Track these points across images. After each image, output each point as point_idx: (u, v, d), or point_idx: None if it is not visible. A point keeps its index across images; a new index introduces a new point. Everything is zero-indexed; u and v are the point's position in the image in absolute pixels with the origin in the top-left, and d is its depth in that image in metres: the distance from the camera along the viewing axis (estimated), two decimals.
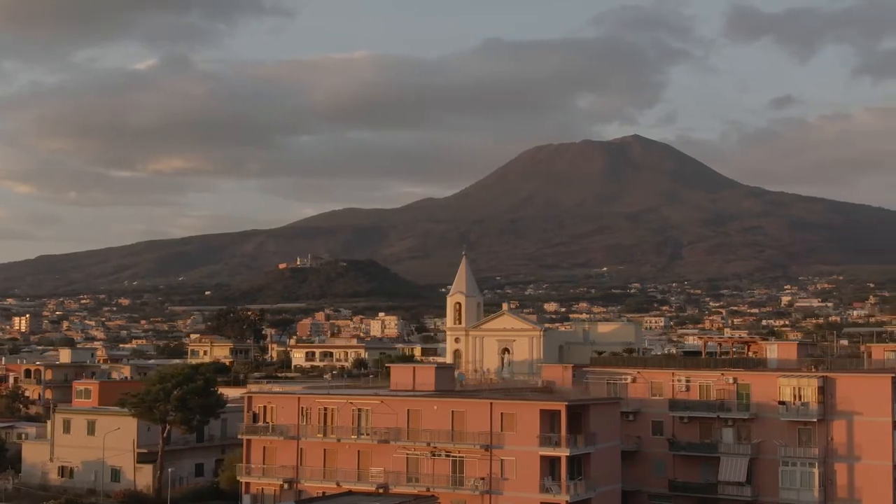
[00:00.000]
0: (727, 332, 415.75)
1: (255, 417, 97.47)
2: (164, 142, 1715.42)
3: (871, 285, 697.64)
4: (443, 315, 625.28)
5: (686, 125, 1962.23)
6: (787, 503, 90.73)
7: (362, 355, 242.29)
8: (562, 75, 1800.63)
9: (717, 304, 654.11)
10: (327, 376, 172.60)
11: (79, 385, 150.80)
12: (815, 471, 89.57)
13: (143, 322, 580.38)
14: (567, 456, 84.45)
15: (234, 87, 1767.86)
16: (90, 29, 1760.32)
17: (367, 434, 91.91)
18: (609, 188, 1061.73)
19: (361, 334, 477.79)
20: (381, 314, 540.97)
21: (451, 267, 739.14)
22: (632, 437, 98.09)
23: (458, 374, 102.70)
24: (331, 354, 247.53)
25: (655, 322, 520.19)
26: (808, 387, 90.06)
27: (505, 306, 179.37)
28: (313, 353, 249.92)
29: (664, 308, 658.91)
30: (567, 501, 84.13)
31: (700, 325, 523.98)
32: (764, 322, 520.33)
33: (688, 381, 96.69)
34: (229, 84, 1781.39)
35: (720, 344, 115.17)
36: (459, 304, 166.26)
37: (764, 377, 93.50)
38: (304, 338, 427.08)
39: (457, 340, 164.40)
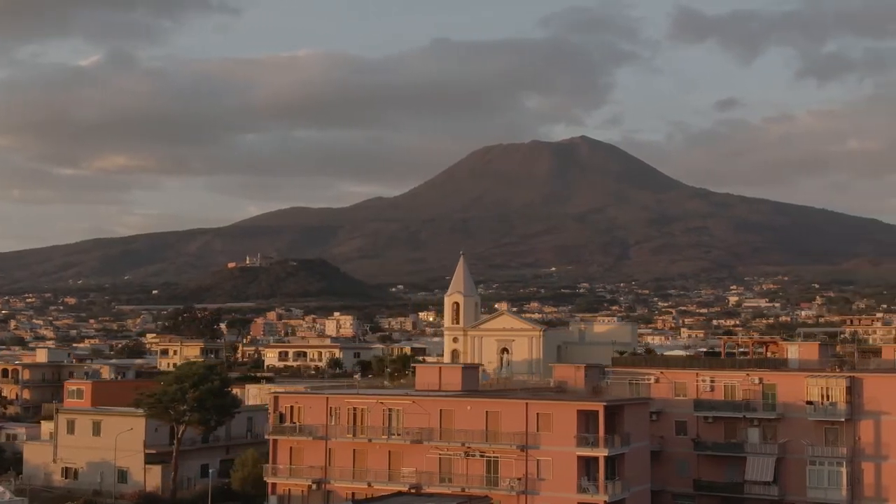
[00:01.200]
0: (681, 332, 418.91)
1: (281, 418, 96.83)
2: (109, 139, 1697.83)
3: (816, 286, 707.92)
4: (396, 314, 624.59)
5: (632, 126, 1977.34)
6: (815, 502, 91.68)
7: (337, 355, 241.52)
8: (510, 76, 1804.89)
9: (665, 304, 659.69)
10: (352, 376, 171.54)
11: (71, 385, 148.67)
12: (843, 470, 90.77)
13: (91, 321, 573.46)
14: (605, 456, 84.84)
15: (180, 84, 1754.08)
16: (34, 24, 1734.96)
17: (399, 434, 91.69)
18: (557, 189, 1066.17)
19: (317, 334, 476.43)
20: (337, 314, 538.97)
21: (402, 266, 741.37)
22: (655, 437, 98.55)
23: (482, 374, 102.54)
24: (305, 354, 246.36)
25: (609, 322, 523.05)
26: (837, 387, 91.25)
27: (504, 306, 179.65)
28: (286, 353, 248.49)
29: (614, 308, 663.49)
30: (605, 502, 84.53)
31: (652, 325, 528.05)
32: (714, 322, 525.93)
33: (712, 381, 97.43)
34: (174, 81, 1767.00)
35: (737, 344, 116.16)
36: (458, 303, 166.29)
37: (790, 377, 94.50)
38: (257, 338, 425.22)
39: (455, 340, 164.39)
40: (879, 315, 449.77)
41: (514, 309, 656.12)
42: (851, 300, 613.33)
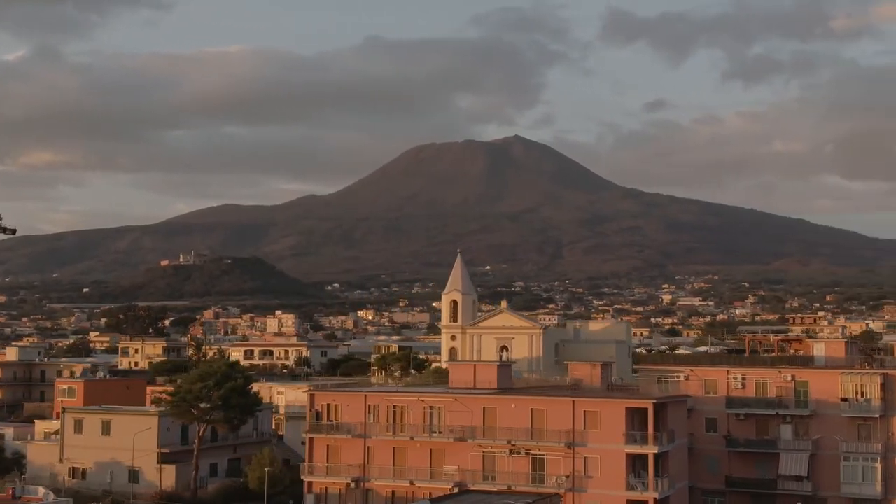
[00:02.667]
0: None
1: (317, 416, 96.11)
2: (35, 135, 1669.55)
3: (747, 285, 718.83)
4: (334, 313, 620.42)
5: (563, 126, 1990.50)
6: (849, 497, 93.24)
7: (305, 353, 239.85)
8: (442, 75, 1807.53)
9: (600, 303, 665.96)
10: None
11: (62, 384, 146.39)
12: (878, 466, 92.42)
13: (24, 320, 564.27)
14: (654, 454, 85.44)
15: (107, 79, 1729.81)
16: None
17: (440, 432, 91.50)
18: (491, 188, 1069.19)
19: (258, 332, 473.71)
20: (279, 312, 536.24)
21: (336, 264, 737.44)
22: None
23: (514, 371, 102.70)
24: (271, 353, 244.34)
25: (550, 320, 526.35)
26: (871, 384, 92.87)
27: (504, 304, 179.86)
28: (252, 352, 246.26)
29: (551, 306, 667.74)
30: (655, 499, 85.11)
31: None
32: (652, 320, 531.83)
33: (744, 378, 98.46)
34: (101, 77, 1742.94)
35: (760, 342, 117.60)
36: (456, 301, 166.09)
37: (823, 374, 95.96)
38: (197, 336, 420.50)
39: (453, 338, 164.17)
40: (822, 314, 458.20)
41: None
42: (783, 299, 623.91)
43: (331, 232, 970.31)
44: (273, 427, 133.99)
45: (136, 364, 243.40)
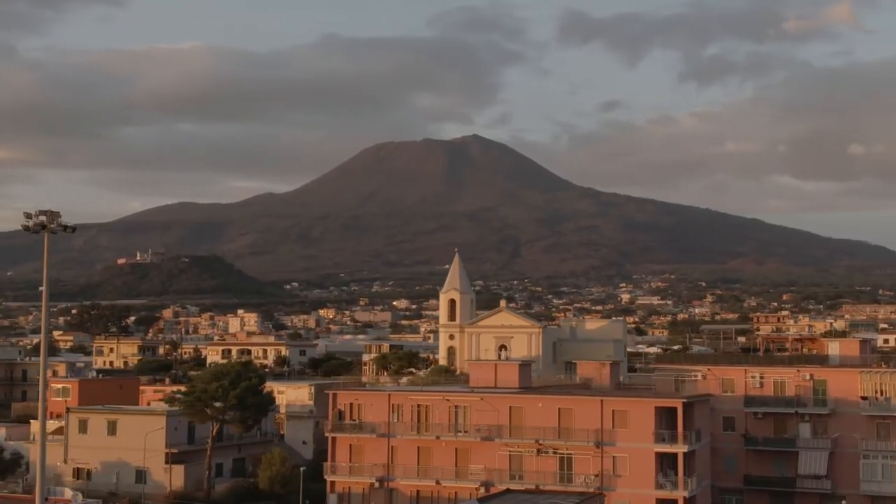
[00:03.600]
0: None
1: (340, 415, 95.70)
2: None
3: (703, 284, 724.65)
4: (294, 312, 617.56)
5: (520, 126, 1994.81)
6: (869, 495, 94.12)
7: (283, 353, 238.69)
8: (400, 73, 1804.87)
9: (560, 301, 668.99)
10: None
11: (56, 384, 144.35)
12: None
13: None
14: (684, 452, 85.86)
15: (60, 75, 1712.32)
16: None
17: (466, 431, 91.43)
18: (450, 187, 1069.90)
19: (220, 332, 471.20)
20: (241, 311, 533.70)
21: (294, 263, 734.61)
22: None
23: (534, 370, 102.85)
24: (249, 352, 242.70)
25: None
26: (891, 382, 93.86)
27: (503, 303, 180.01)
28: (229, 351, 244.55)
29: (511, 305, 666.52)
30: (685, 498, 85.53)
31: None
32: (613, 319, 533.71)
33: (762, 377, 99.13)
34: (55, 73, 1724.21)
35: (772, 341, 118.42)
36: (454, 300, 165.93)
37: (842, 373, 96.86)
38: (158, 335, 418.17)
39: (451, 337, 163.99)
40: (785, 312, 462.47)
41: (414, 306, 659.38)
42: (741, 298, 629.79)
43: (289, 230, 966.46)
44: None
45: (112, 363, 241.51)
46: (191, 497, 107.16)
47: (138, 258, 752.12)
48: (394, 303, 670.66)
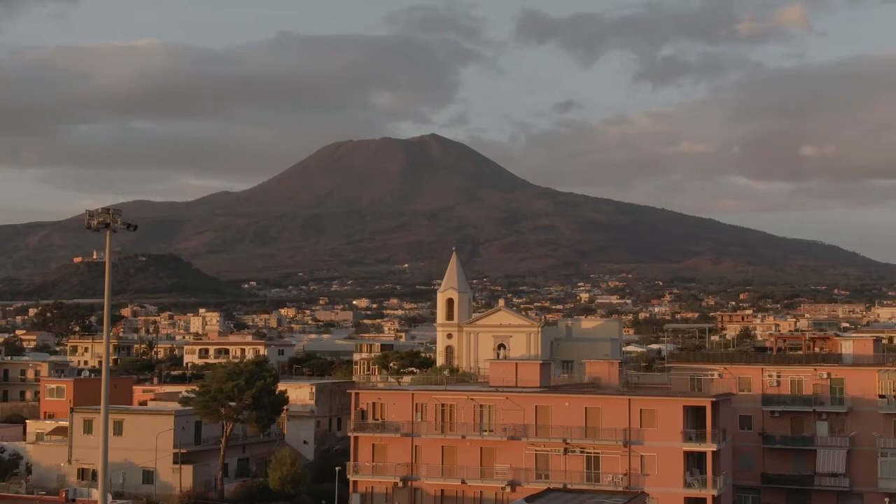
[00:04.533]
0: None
1: (362, 415, 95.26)
2: None
3: (660, 283, 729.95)
4: (254, 311, 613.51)
5: (477, 125, 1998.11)
6: (887, 492, 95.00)
7: (262, 353, 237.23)
8: (356, 72, 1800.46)
9: (519, 300, 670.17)
10: None
11: (49, 383, 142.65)
12: None
13: None
14: (713, 451, 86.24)
15: (12, 72, 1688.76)
16: None
17: (491, 430, 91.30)
18: (408, 186, 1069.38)
19: (182, 331, 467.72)
20: (202, 310, 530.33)
21: (252, 262, 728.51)
22: None
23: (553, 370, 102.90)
24: (227, 351, 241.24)
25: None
26: None
27: (501, 302, 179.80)
28: (207, 350, 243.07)
29: (472, 304, 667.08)
30: (714, 496, 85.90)
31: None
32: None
33: (779, 376, 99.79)
34: (7, 70, 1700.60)
35: (784, 340, 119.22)
36: (452, 299, 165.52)
37: (859, 372, 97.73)
38: (119, 334, 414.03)
39: (449, 336, 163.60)
40: (749, 312, 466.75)
41: (375, 305, 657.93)
42: (699, 297, 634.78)
43: (246, 229, 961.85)
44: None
45: (86, 363, 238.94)
46: (204, 497, 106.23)
47: (95, 257, 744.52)
48: (354, 302, 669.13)
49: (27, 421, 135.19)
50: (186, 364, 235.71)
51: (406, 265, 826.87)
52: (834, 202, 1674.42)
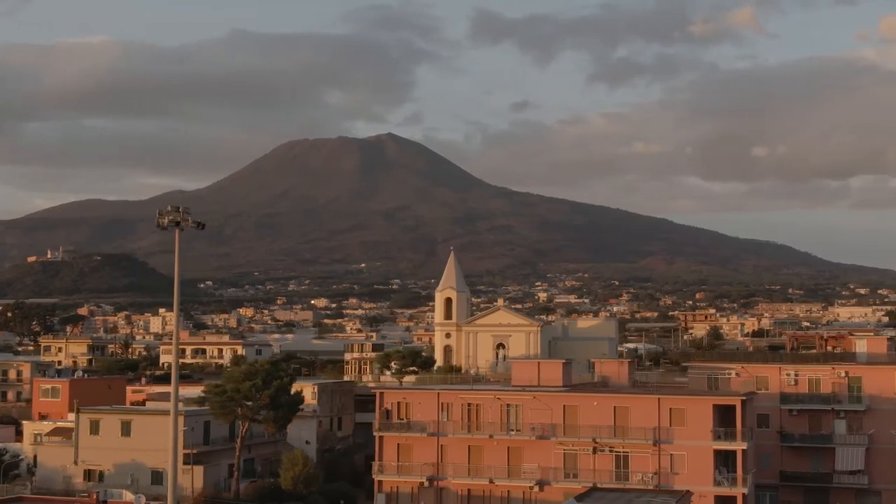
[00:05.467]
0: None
1: (387, 414, 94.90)
2: None
3: (617, 283, 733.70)
4: (212, 311, 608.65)
5: (433, 125, 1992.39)
6: None
7: (239, 352, 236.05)
8: (311, 70, 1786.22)
9: (478, 300, 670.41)
10: None
11: (44, 383, 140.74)
12: None
13: None
14: (743, 450, 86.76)
15: None
16: None
17: (518, 430, 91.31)
18: (364, 185, 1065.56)
19: (142, 331, 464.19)
20: (162, 310, 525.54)
21: (207, 262, 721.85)
22: None
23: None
24: (204, 352, 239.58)
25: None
26: None
27: (501, 302, 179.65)
28: (183, 351, 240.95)
29: (430, 304, 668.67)
30: (744, 494, 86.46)
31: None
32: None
33: (796, 375, 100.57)
34: None
35: (797, 339, 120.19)
36: (450, 299, 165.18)
37: (877, 370, 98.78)
38: (78, 335, 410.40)
39: (448, 336, 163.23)
40: (711, 311, 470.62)
41: (333, 305, 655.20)
42: (656, 297, 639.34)
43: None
44: None
45: (60, 363, 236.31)
46: (220, 498, 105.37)
47: (49, 256, 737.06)
48: (312, 301, 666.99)
49: (24, 422, 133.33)
50: (162, 364, 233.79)
51: (363, 265, 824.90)
52: (786, 202, 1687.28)
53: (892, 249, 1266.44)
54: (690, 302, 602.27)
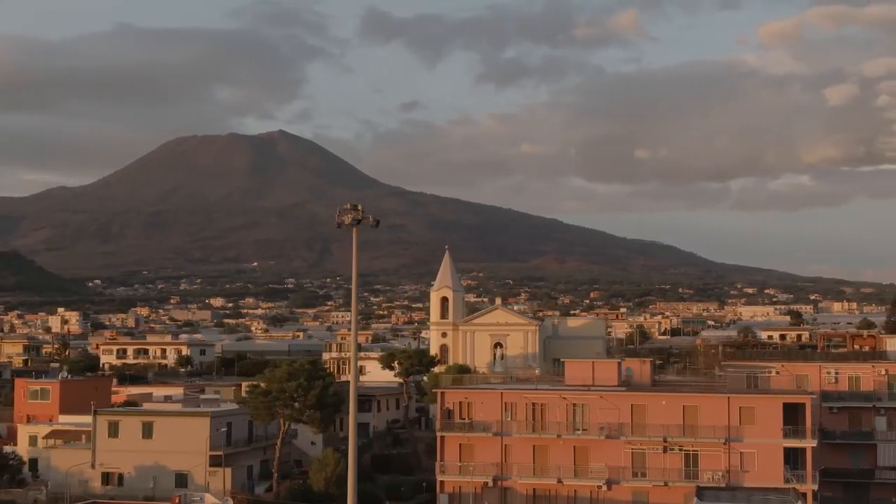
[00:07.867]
0: None
1: (449, 414, 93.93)
2: None
3: (510, 282, 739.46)
4: (106, 310, 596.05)
5: (323, 122, 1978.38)
6: None
7: (184, 352, 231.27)
8: (199, 66, 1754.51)
9: (377, 300, 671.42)
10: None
11: (32, 385, 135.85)
12: None
13: None
14: (812, 447, 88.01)
15: None
16: None
17: (586, 429, 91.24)
18: (256, 183, 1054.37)
19: (38, 331, 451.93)
20: (61, 310, 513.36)
21: (93, 259, 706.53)
22: None
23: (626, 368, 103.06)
24: (146, 352, 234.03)
25: (343, 317, 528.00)
26: None
27: (499, 301, 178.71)
28: (125, 351, 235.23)
29: (329, 303, 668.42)
30: (814, 491, 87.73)
31: (385, 320, 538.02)
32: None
33: (836, 373, 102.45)
34: None
35: (827, 338, 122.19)
36: (446, 298, 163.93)
37: None
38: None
39: (444, 335, 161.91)
40: (623, 310, 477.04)
41: (230, 304, 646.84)
42: (553, 296, 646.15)
43: (86, 225, 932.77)
44: None
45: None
46: (260, 500, 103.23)
47: None
48: (209, 301, 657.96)
49: (18, 425, 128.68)
50: (104, 365, 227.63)
51: (255, 263, 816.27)
52: (669, 204, 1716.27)
53: (772, 250, 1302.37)
54: (587, 301, 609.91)
